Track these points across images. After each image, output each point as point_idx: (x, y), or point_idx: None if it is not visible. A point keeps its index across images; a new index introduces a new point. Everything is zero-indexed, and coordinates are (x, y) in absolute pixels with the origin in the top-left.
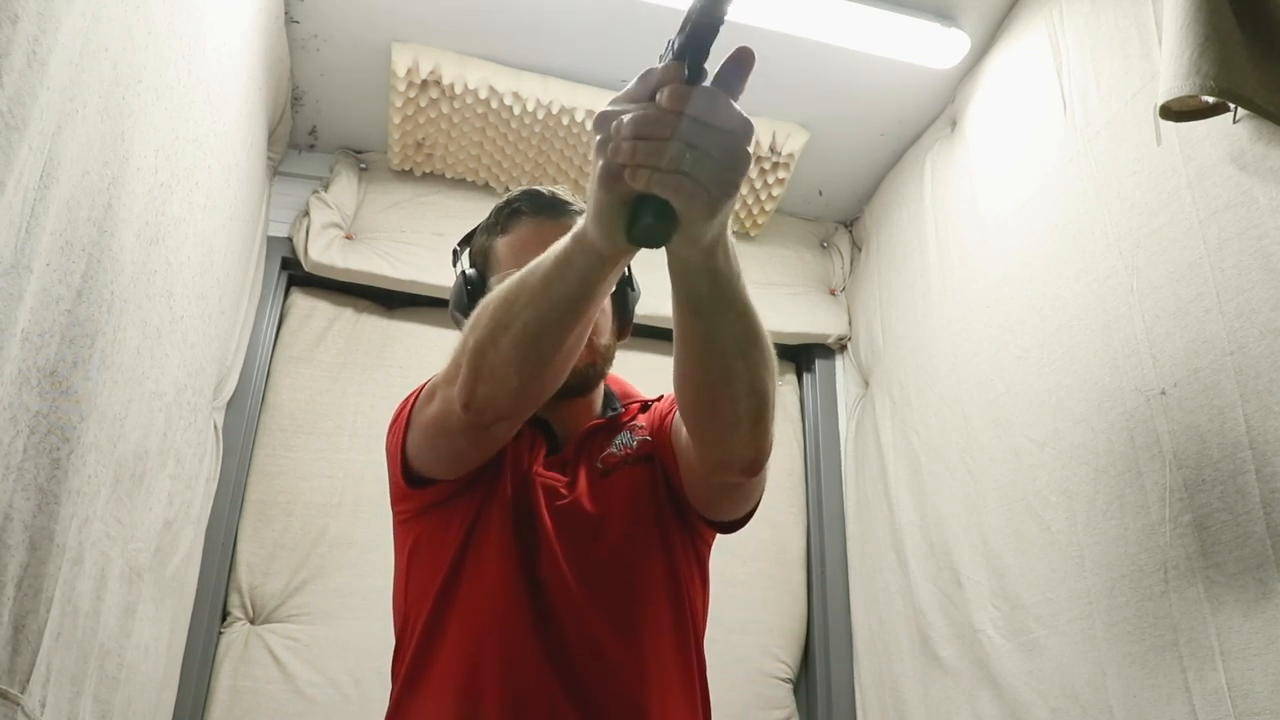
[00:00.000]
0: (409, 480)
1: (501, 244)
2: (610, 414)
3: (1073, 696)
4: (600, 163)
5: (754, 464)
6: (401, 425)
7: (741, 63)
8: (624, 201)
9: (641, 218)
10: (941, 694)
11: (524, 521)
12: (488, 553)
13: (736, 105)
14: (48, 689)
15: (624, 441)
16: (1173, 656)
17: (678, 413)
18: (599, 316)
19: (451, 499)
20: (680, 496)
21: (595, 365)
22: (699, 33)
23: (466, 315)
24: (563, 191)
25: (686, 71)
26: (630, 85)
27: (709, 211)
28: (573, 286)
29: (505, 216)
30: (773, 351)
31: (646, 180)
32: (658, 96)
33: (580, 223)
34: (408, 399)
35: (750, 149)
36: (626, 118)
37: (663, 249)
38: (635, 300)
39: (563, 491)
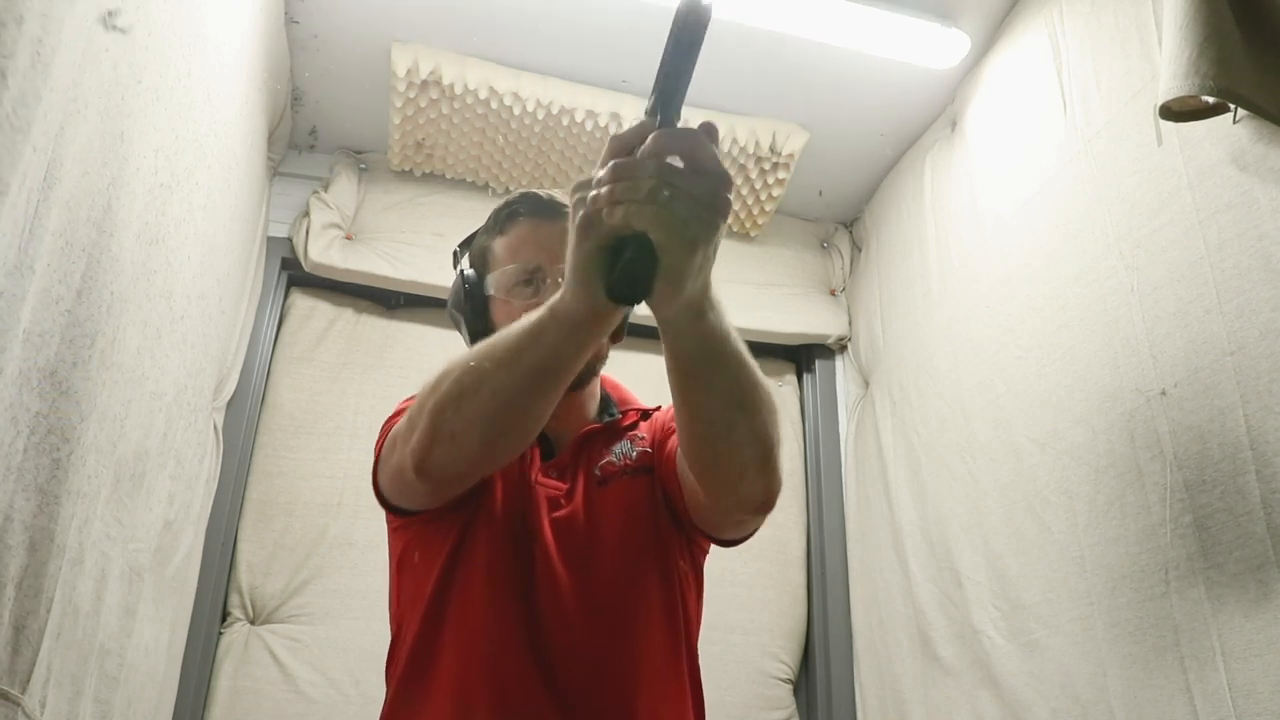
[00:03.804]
0: (392, 510)
1: (499, 244)
2: (607, 419)
3: (1073, 697)
4: (579, 215)
5: (765, 504)
6: (375, 462)
7: (711, 131)
8: (602, 248)
9: (621, 255)
10: (942, 694)
11: (520, 531)
12: (478, 563)
13: (716, 151)
14: (48, 689)
15: (624, 451)
16: (1174, 657)
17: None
18: None
19: (439, 517)
20: (679, 510)
21: (588, 363)
22: (670, 84)
23: (464, 315)
24: (560, 195)
25: (659, 121)
26: (603, 153)
27: (689, 248)
28: (545, 355)
29: (503, 218)
30: (773, 397)
31: (625, 214)
32: (638, 151)
33: (555, 295)
34: (383, 430)
35: (730, 196)
36: (604, 170)
37: (648, 312)
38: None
39: (562, 501)
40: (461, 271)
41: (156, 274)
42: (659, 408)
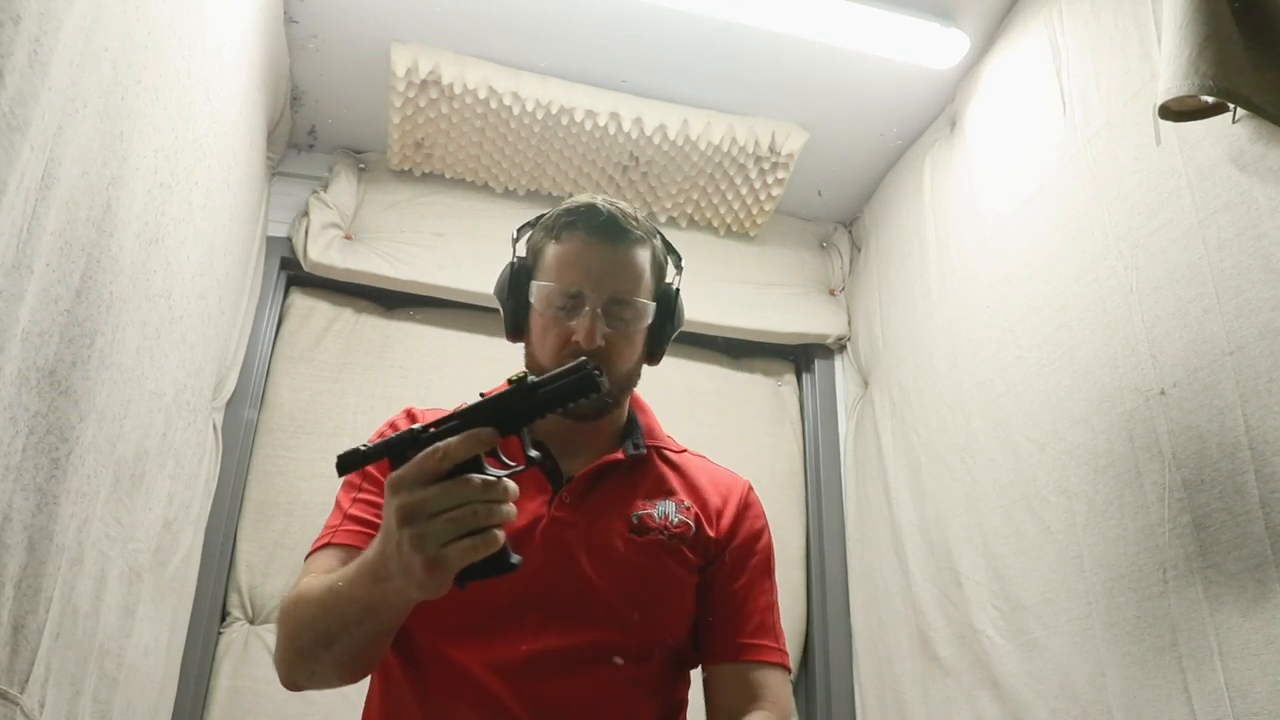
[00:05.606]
0: None
1: (550, 250)
2: (632, 452)
3: (1072, 697)
4: (422, 558)
5: None
6: None
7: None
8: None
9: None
10: (941, 694)
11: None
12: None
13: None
14: (47, 689)
15: (664, 512)
16: (1172, 657)
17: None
18: (621, 344)
19: None
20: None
21: (611, 394)
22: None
23: (505, 308)
24: (624, 210)
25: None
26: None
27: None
28: (385, 625)
29: (562, 224)
30: None
31: (475, 546)
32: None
33: (372, 571)
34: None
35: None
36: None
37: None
38: (673, 332)
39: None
40: (514, 259)
41: (156, 274)
42: (685, 450)
